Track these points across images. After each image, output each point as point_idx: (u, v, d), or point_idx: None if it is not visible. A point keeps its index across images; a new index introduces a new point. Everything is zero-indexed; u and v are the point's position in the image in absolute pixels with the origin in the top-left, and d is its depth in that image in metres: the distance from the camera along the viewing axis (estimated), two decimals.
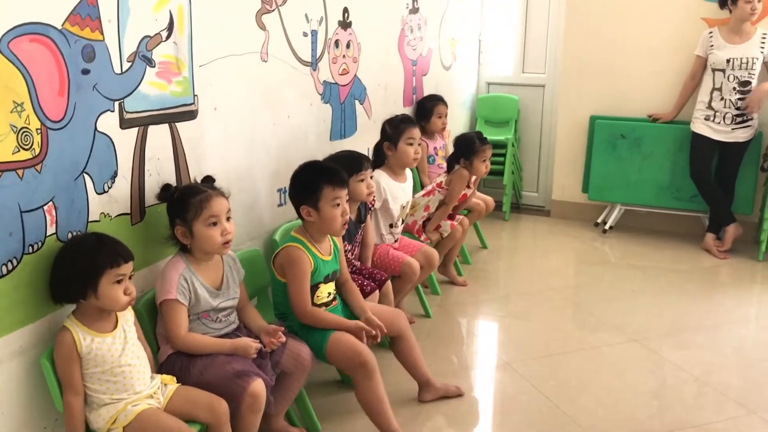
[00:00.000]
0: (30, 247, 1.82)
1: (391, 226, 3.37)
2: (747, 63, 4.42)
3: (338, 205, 2.50)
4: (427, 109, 4.44)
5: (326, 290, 2.58)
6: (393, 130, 3.43)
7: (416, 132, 3.46)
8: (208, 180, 2.31)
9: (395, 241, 3.42)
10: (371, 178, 2.99)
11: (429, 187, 3.91)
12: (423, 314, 3.63)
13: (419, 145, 3.48)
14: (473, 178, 3.95)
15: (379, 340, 2.56)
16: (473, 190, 4.06)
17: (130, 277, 1.92)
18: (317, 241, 2.55)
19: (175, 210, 2.19)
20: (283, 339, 2.28)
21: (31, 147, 1.79)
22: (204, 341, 2.17)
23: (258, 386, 2.07)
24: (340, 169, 2.62)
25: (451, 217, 3.94)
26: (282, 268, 2.51)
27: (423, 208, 3.80)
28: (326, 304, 2.58)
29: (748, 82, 4.45)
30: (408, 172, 3.53)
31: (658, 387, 2.96)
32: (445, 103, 4.53)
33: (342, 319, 2.55)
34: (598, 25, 5.13)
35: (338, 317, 2.56)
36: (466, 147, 3.88)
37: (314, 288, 2.52)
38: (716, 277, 4.35)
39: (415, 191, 3.75)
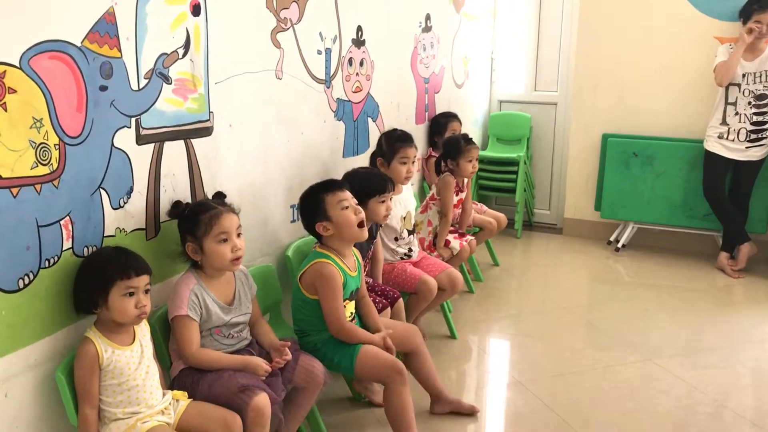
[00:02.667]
0: (46, 261, 1.84)
1: (396, 239, 3.36)
2: (762, 76, 4.42)
3: (346, 207, 2.51)
4: (441, 125, 4.48)
5: (349, 309, 2.58)
6: (388, 147, 3.38)
7: (411, 152, 3.38)
8: (219, 196, 2.33)
9: (409, 250, 3.39)
10: (391, 200, 2.99)
11: (423, 203, 3.91)
12: (448, 335, 3.61)
13: (413, 163, 3.41)
14: (465, 181, 3.96)
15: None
16: (467, 193, 4.03)
17: (147, 291, 1.93)
18: (343, 255, 2.56)
19: (186, 227, 2.20)
20: (289, 357, 2.27)
21: (49, 162, 1.81)
22: (215, 356, 2.17)
23: (261, 400, 2.06)
24: (333, 178, 2.66)
25: (461, 236, 3.95)
26: (312, 286, 2.50)
27: (426, 224, 3.81)
28: None
29: (765, 95, 4.45)
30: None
31: (673, 407, 2.92)
32: (459, 120, 4.57)
33: (371, 334, 2.58)
34: (609, 43, 5.14)
35: (368, 333, 2.58)
36: (452, 148, 3.88)
37: None
38: (730, 296, 4.32)
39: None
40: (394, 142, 3.39)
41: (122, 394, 1.91)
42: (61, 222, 1.87)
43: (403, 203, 3.41)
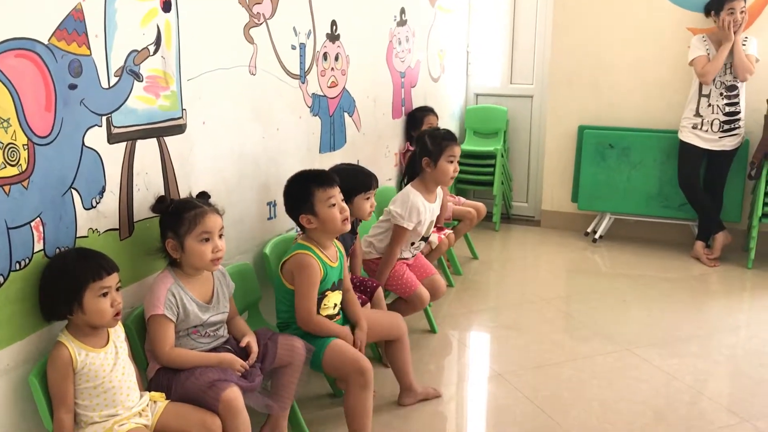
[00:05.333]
0: (17, 264, 1.80)
1: (412, 243, 3.36)
2: (732, 67, 4.45)
3: (334, 204, 2.52)
4: (417, 119, 4.48)
5: (333, 300, 2.59)
6: (435, 146, 3.30)
7: (458, 150, 3.34)
8: (204, 195, 2.30)
9: (412, 256, 3.40)
10: (374, 195, 3.00)
11: None
12: (428, 329, 3.61)
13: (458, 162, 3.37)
14: None
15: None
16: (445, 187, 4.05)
17: (117, 289, 1.91)
18: (324, 247, 2.57)
19: (169, 223, 2.17)
20: (248, 365, 2.24)
21: (17, 163, 1.77)
22: (189, 355, 2.15)
23: (230, 393, 2.03)
24: (327, 171, 2.65)
25: (439, 229, 3.95)
26: (291, 275, 2.51)
27: None
28: (331, 317, 2.60)
29: (735, 87, 4.49)
30: (438, 189, 3.46)
31: (651, 396, 2.95)
32: (435, 114, 4.57)
33: (339, 326, 2.58)
34: (584, 35, 5.16)
35: (341, 327, 2.59)
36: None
37: (322, 297, 2.54)
38: (706, 285, 4.36)
39: None
40: (441, 140, 3.32)
41: (98, 396, 1.88)
42: (32, 223, 1.84)
43: (434, 212, 3.40)
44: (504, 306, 4.01)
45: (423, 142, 3.38)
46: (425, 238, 3.45)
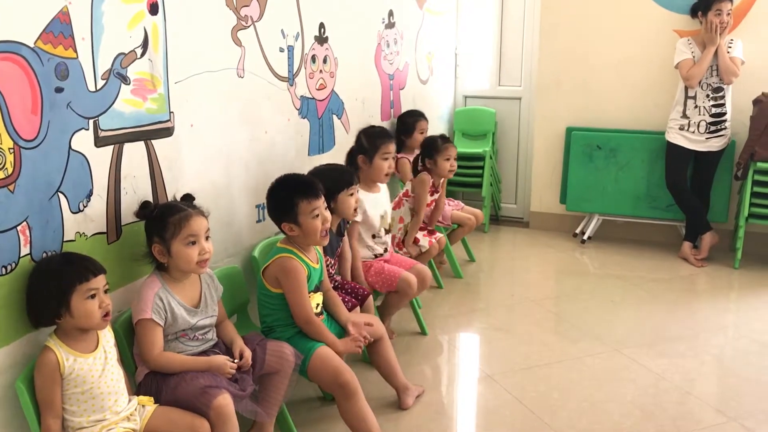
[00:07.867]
0: (3, 269, 1.79)
1: (373, 236, 3.36)
2: (717, 69, 4.48)
3: (317, 216, 2.51)
4: (408, 125, 4.44)
5: (315, 301, 2.59)
6: (370, 144, 3.37)
7: (392, 147, 3.41)
8: (188, 198, 2.29)
9: (384, 251, 3.39)
10: (358, 192, 2.99)
11: (396, 199, 3.93)
12: (418, 331, 3.61)
13: (393, 158, 3.42)
14: (441, 180, 4.01)
15: (360, 351, 2.65)
16: (441, 193, 4.08)
17: (106, 291, 1.90)
18: (305, 250, 2.57)
19: (154, 228, 2.16)
20: (248, 364, 2.25)
21: (3, 167, 1.76)
22: (178, 359, 2.14)
23: (222, 400, 2.03)
24: (312, 179, 2.64)
25: (430, 233, 3.96)
26: (275, 280, 2.51)
27: (398, 221, 3.82)
28: None
29: (721, 88, 4.52)
30: (384, 186, 3.49)
31: (640, 396, 2.96)
32: (426, 119, 4.55)
33: (336, 339, 2.57)
34: (572, 37, 5.18)
35: (333, 336, 2.58)
36: (430, 147, 3.96)
37: None
38: (694, 285, 4.39)
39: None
40: (376, 138, 3.38)
41: (86, 402, 1.87)
42: (18, 228, 1.82)
43: (380, 202, 3.41)
44: (493, 307, 4.02)
45: (359, 139, 3.44)
46: (388, 231, 3.44)
